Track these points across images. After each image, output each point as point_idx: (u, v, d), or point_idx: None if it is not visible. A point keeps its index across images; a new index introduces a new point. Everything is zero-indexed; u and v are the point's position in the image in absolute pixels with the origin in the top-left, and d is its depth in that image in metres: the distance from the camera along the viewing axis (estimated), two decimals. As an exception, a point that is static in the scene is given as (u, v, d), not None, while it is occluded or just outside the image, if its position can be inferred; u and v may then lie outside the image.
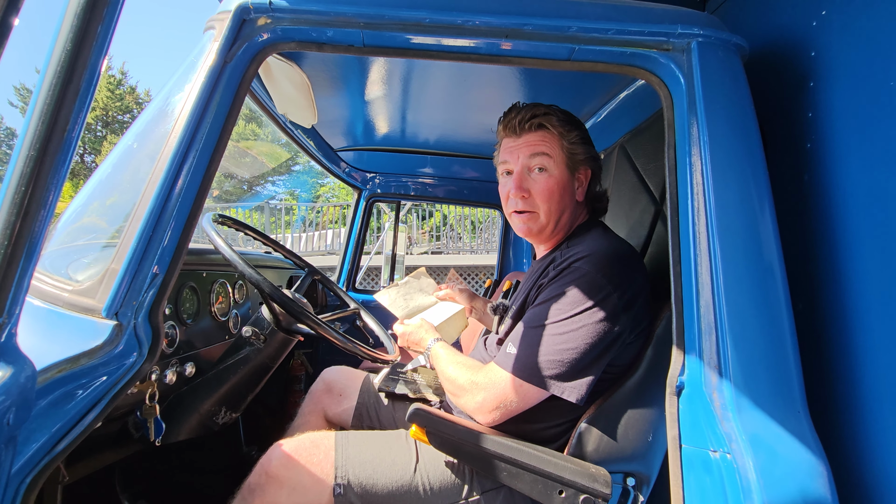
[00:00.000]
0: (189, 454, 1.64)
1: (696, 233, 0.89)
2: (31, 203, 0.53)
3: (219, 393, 1.32)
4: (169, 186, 0.87)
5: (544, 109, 1.17)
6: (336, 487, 1.02)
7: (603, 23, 0.94)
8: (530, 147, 1.17)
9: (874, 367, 0.84)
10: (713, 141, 0.90)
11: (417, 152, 2.51)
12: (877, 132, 0.86)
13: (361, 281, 7.85)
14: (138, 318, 0.84)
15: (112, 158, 1.07)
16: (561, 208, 1.19)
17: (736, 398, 0.81)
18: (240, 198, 22.97)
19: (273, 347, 1.34)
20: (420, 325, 1.39)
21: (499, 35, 0.94)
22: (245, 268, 1.12)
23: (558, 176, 1.17)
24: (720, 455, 0.79)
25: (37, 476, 0.71)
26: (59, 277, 0.92)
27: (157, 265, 0.86)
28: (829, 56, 0.97)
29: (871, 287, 0.85)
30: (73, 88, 0.54)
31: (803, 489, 0.76)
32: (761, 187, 0.91)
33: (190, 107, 0.89)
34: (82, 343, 0.79)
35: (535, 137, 1.17)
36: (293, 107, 1.59)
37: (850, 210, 0.90)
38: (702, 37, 0.94)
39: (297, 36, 0.95)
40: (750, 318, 0.85)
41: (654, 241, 1.33)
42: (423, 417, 1.03)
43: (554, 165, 1.17)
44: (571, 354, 1.00)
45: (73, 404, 0.76)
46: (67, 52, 0.53)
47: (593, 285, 1.03)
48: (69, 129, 0.55)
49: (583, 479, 0.98)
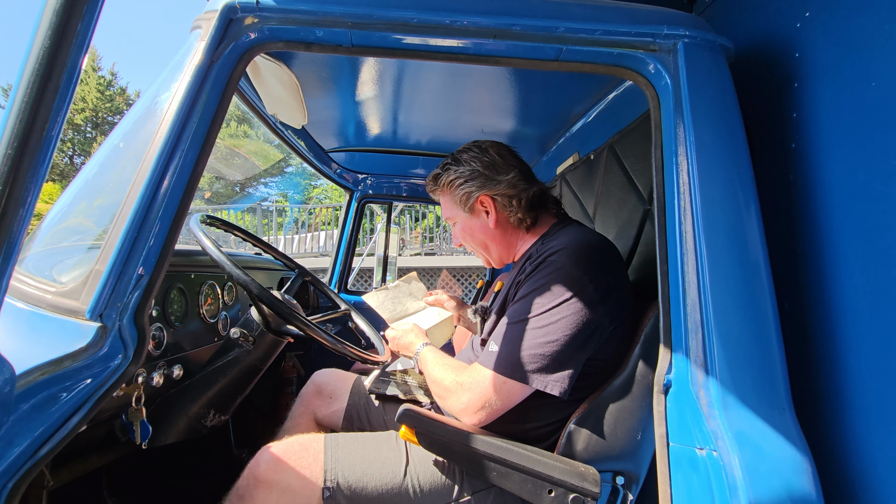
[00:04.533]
0: (179, 457, 1.62)
1: (683, 232, 0.90)
2: (10, 202, 0.53)
3: (207, 395, 1.31)
4: (154, 186, 0.86)
5: (435, 174, 1.35)
6: (325, 490, 1.01)
7: (590, 23, 0.94)
8: (443, 211, 1.41)
9: (858, 364, 0.85)
10: (699, 141, 0.91)
11: (409, 153, 2.51)
12: (860, 132, 0.87)
13: (354, 282, 7.82)
14: (123, 320, 0.83)
15: (98, 158, 1.06)
16: (487, 240, 1.33)
17: (722, 396, 0.82)
18: (229, 199, 22.83)
19: (262, 349, 1.33)
20: (410, 330, 1.39)
21: (487, 35, 0.94)
22: (233, 269, 1.11)
23: (462, 223, 1.35)
24: (706, 452, 0.80)
25: (19, 481, 0.70)
26: (42, 279, 0.91)
27: (143, 266, 0.85)
28: (812, 57, 0.98)
29: (855, 285, 0.86)
30: (52, 86, 0.53)
31: (788, 485, 0.76)
32: (747, 187, 0.92)
33: (176, 106, 0.88)
34: (66, 345, 0.78)
35: (441, 201, 1.39)
36: (283, 107, 1.58)
37: (835, 209, 0.91)
38: (688, 37, 0.95)
39: (285, 35, 0.95)
40: (735, 317, 0.85)
41: (643, 241, 1.33)
42: (412, 418, 1.02)
43: (457, 216, 1.35)
44: (552, 347, 1.01)
45: (57, 407, 0.75)
46: (46, 50, 0.52)
47: (568, 277, 1.04)
48: (48, 127, 0.54)
49: (572, 478, 0.98)
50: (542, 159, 2.41)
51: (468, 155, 1.29)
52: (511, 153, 1.32)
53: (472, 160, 1.28)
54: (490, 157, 1.28)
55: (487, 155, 1.28)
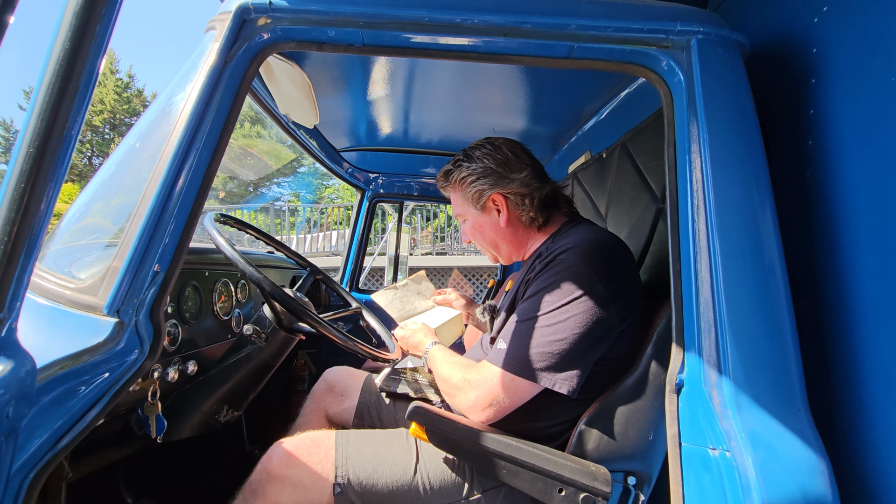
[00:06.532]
0: (193, 452, 1.65)
1: (696, 230, 0.89)
2: (31, 200, 0.54)
3: (221, 391, 1.33)
4: (170, 185, 0.87)
5: (446, 169, 1.34)
6: (336, 486, 1.02)
7: (602, 20, 0.94)
8: (453, 208, 1.39)
9: (876, 364, 0.83)
10: (713, 138, 0.90)
11: (420, 152, 2.51)
12: (878, 129, 0.85)
13: (365, 281, 7.86)
14: (139, 316, 0.85)
15: (114, 159, 1.08)
16: (498, 239, 1.32)
17: (735, 396, 0.81)
18: (243, 199, 23.09)
19: (275, 346, 1.35)
20: (419, 329, 1.40)
21: (497, 33, 0.94)
22: (246, 266, 1.13)
23: (473, 220, 1.34)
24: (719, 453, 0.79)
25: (39, 472, 0.72)
26: (62, 275, 0.93)
27: (158, 263, 0.86)
28: (830, 52, 0.97)
29: (873, 284, 0.84)
30: (72, 86, 0.55)
31: (803, 487, 0.75)
32: (762, 185, 0.90)
33: (191, 107, 0.90)
34: (84, 340, 0.80)
35: (452, 198, 1.38)
36: (295, 107, 1.60)
37: (852, 207, 0.90)
38: (701, 34, 0.94)
39: (298, 36, 0.96)
40: (750, 316, 0.84)
41: (656, 240, 1.32)
42: (422, 415, 1.03)
43: (467, 213, 1.34)
44: (561, 345, 1.00)
45: (76, 401, 0.77)
46: (66, 51, 0.54)
47: (578, 276, 1.03)
48: (69, 126, 0.55)
49: (583, 477, 0.97)
50: (553, 158, 2.40)
51: (481, 152, 1.28)
52: (524, 151, 1.32)
53: (485, 157, 1.27)
54: (503, 154, 1.27)
55: (500, 152, 1.27)
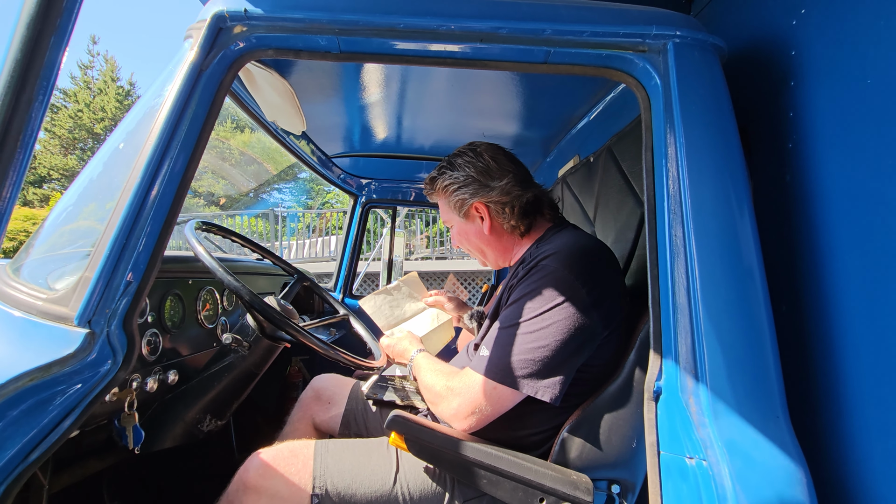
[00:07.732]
0: (180, 462, 1.63)
1: (673, 235, 0.88)
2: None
3: (203, 400, 1.32)
4: (143, 194, 0.86)
5: (431, 177, 1.35)
6: (314, 497, 1.00)
7: (578, 25, 0.93)
8: (441, 214, 1.41)
9: (857, 369, 0.82)
10: (689, 142, 0.89)
11: (412, 158, 2.51)
12: (857, 130, 0.84)
13: (359, 287, 7.84)
14: (111, 327, 0.84)
15: (91, 166, 1.08)
16: (483, 245, 1.33)
17: (713, 403, 0.79)
18: (245, 206, 23.13)
19: (258, 354, 1.34)
20: (404, 337, 1.39)
21: (473, 39, 0.94)
22: (224, 275, 1.12)
23: (458, 227, 1.36)
24: (696, 462, 0.77)
25: (11, 484, 0.71)
26: (34, 286, 0.93)
27: (132, 273, 0.86)
28: (809, 54, 0.96)
29: (853, 288, 0.83)
30: (30, 82, 0.53)
31: (781, 496, 0.74)
32: (739, 189, 0.89)
33: (165, 114, 0.89)
34: (55, 351, 0.79)
35: (439, 204, 1.39)
36: (281, 114, 1.59)
37: (833, 209, 0.89)
38: (678, 37, 0.93)
39: (274, 43, 0.95)
40: (727, 322, 0.83)
41: (641, 244, 1.31)
42: (401, 424, 1.02)
43: (452, 220, 1.36)
44: (543, 352, 0.99)
45: (46, 413, 0.76)
46: (25, 44, 0.53)
47: (560, 282, 1.02)
48: (27, 125, 0.54)
49: (564, 486, 0.96)
50: (544, 162, 2.40)
51: (462, 160, 1.28)
52: (506, 156, 1.31)
53: (467, 165, 1.27)
54: (484, 161, 1.27)
55: (482, 160, 1.27)
